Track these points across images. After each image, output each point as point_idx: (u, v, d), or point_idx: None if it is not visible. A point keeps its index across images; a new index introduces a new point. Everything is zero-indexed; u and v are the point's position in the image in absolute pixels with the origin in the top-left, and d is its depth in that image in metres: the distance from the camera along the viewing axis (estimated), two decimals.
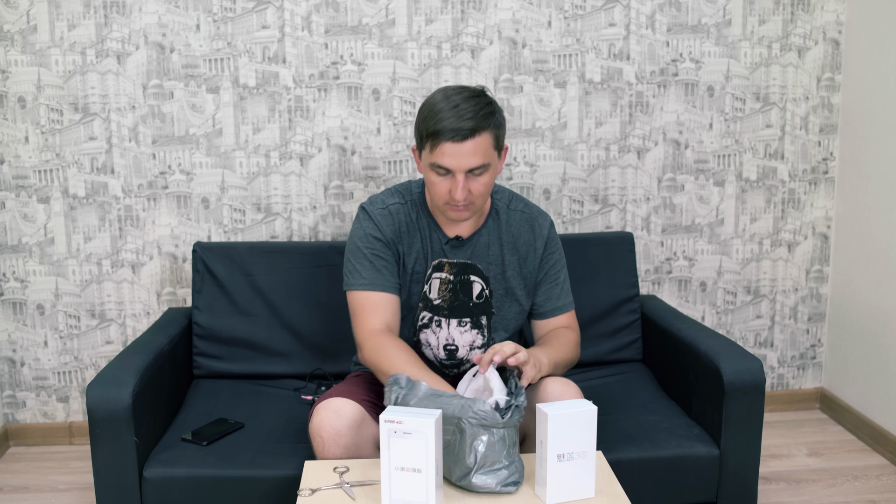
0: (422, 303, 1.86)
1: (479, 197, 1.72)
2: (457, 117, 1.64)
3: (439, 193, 1.72)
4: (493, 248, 1.86)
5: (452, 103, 1.66)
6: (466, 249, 1.85)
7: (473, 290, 1.85)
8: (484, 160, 1.68)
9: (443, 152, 1.66)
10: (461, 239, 1.84)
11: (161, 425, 2.07)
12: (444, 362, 1.89)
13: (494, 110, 1.70)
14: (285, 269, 2.43)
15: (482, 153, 1.67)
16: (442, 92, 1.72)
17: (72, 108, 2.59)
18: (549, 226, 1.92)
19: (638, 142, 2.76)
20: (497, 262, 1.86)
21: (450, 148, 1.65)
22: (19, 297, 2.70)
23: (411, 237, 1.84)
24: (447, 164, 1.67)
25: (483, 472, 1.47)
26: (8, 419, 2.78)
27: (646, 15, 2.69)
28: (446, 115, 1.65)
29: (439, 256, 1.85)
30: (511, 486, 1.48)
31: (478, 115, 1.66)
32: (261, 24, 2.60)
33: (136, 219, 2.67)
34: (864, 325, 2.74)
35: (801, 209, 2.88)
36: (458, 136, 1.64)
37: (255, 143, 2.65)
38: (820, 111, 2.83)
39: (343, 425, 1.66)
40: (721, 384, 1.95)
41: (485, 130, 1.67)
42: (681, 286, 2.88)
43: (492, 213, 1.88)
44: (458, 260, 1.85)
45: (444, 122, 1.65)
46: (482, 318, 1.87)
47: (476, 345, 1.87)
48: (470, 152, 1.66)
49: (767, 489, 2.41)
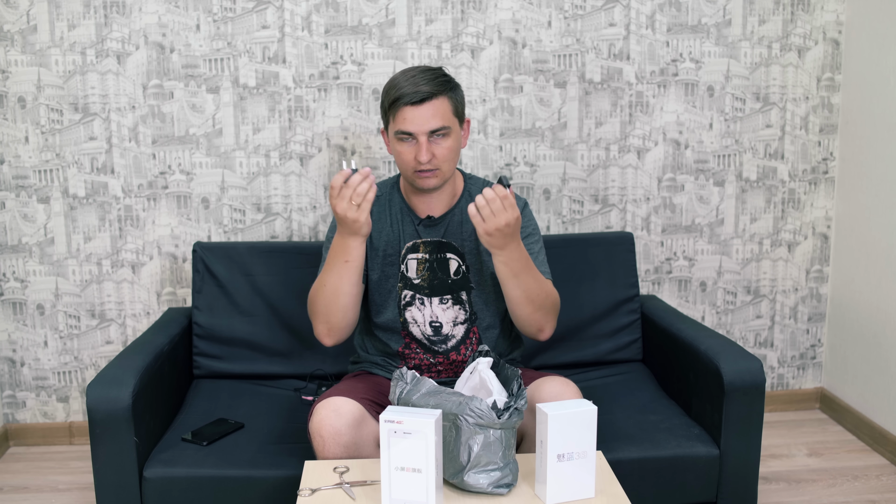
0: (401, 283, 1.91)
1: (444, 161, 1.80)
2: (414, 84, 1.76)
3: (406, 161, 1.80)
4: (466, 226, 1.91)
5: (409, 75, 1.79)
6: (440, 228, 1.91)
7: (450, 267, 1.91)
8: (443, 122, 1.77)
9: (403, 117, 1.76)
10: (433, 218, 1.91)
11: (161, 425, 2.07)
12: (431, 338, 1.92)
13: (450, 80, 1.81)
14: (285, 269, 2.43)
15: (441, 115, 1.77)
16: (401, 71, 1.83)
17: (72, 108, 2.59)
18: (522, 204, 1.96)
19: (638, 142, 2.76)
20: (471, 238, 1.91)
21: (409, 112, 1.75)
22: (19, 297, 2.70)
23: (381, 222, 1.93)
24: (408, 128, 1.76)
25: (476, 471, 1.47)
26: (8, 419, 2.78)
27: (646, 15, 2.69)
28: (404, 84, 1.77)
29: (413, 238, 1.91)
30: (503, 487, 1.48)
31: (433, 81, 1.77)
32: (261, 24, 2.60)
33: (136, 219, 2.67)
34: (864, 325, 2.74)
35: (801, 209, 2.88)
36: (415, 99, 1.75)
37: (255, 143, 2.65)
38: (820, 111, 2.83)
39: (343, 424, 1.66)
40: (721, 384, 1.95)
41: (442, 94, 1.77)
42: (681, 286, 2.88)
43: (464, 194, 1.94)
44: (432, 239, 1.91)
45: (401, 90, 1.76)
46: (462, 293, 1.92)
47: (459, 320, 1.91)
48: (429, 115, 1.75)
49: (767, 489, 2.41)
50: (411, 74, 1.78)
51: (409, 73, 1.79)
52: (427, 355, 1.92)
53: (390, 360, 1.97)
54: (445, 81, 1.79)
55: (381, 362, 1.98)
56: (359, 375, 1.98)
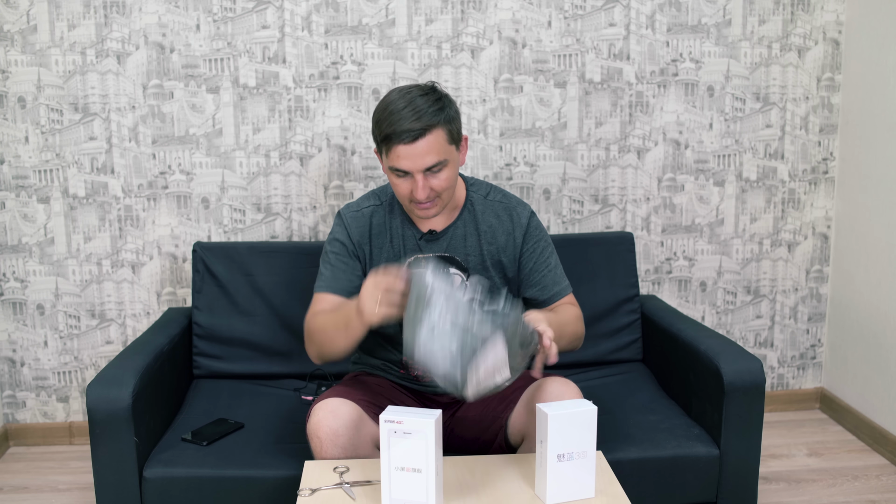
0: None
1: (443, 192, 1.73)
2: (405, 119, 1.64)
3: (402, 194, 1.74)
4: (469, 240, 1.86)
5: (400, 105, 1.66)
6: (442, 243, 1.86)
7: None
8: (439, 157, 1.68)
9: (397, 155, 1.67)
10: (435, 233, 1.85)
11: (161, 425, 2.07)
12: None
13: (444, 105, 1.69)
14: (285, 269, 2.43)
15: (436, 151, 1.67)
16: (390, 93, 1.72)
17: (72, 108, 2.59)
18: (528, 214, 1.90)
19: (638, 142, 2.76)
20: (475, 252, 1.86)
21: (403, 150, 1.66)
22: (19, 297, 2.70)
23: (381, 239, 1.87)
24: (403, 167, 1.67)
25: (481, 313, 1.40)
26: (8, 419, 2.78)
27: (646, 15, 2.69)
28: (395, 119, 1.65)
29: (414, 252, 1.86)
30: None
31: (426, 113, 1.65)
32: (261, 24, 2.60)
33: (136, 219, 2.67)
34: (864, 325, 2.74)
35: (801, 209, 2.88)
36: (408, 138, 1.64)
37: (255, 143, 2.65)
38: (820, 111, 2.83)
39: (340, 425, 1.66)
40: (721, 384, 1.95)
41: (435, 127, 1.66)
42: (681, 286, 2.88)
43: (466, 205, 1.88)
44: (434, 254, 1.86)
45: (393, 126, 1.65)
46: None
47: None
48: (423, 152, 1.66)
49: (767, 489, 2.42)
50: (402, 106, 1.66)
51: (399, 105, 1.67)
52: None
53: (391, 363, 1.97)
54: (438, 110, 1.67)
55: (382, 365, 1.98)
56: (359, 376, 1.98)
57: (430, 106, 1.66)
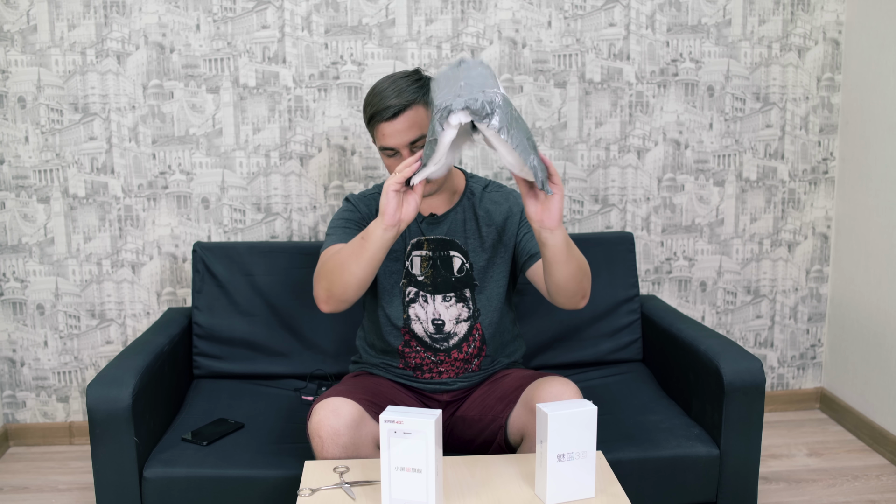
0: (406, 279, 1.91)
1: None
2: (387, 97, 1.74)
3: None
4: (469, 224, 1.92)
5: (383, 86, 1.77)
6: (443, 226, 1.91)
7: (454, 265, 1.91)
8: (421, 131, 1.75)
9: (382, 134, 1.76)
10: (436, 216, 1.91)
11: (161, 425, 2.07)
12: (433, 335, 1.92)
13: (424, 85, 1.78)
14: (285, 269, 2.43)
15: (417, 125, 1.75)
16: (378, 81, 1.82)
17: (72, 108, 2.59)
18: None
19: (638, 142, 2.76)
20: (474, 235, 1.91)
21: (386, 128, 1.75)
22: (19, 297, 2.70)
23: None
24: (388, 143, 1.76)
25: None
26: (8, 419, 2.78)
27: (646, 15, 2.69)
28: (378, 99, 1.75)
29: (416, 235, 1.91)
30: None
31: (406, 90, 1.74)
32: (261, 24, 2.60)
33: (136, 219, 2.67)
34: (864, 325, 2.74)
35: (801, 209, 2.88)
36: (388, 114, 1.73)
37: (255, 143, 2.65)
38: (820, 111, 2.83)
39: (341, 424, 1.66)
40: (721, 384, 1.95)
41: (415, 104, 1.74)
42: (681, 286, 2.88)
43: (466, 193, 1.95)
44: (435, 236, 1.91)
45: (375, 107, 1.75)
46: (465, 290, 1.91)
47: (462, 318, 1.91)
48: (405, 127, 1.74)
49: (767, 489, 2.42)
50: (383, 87, 1.76)
51: (382, 86, 1.77)
52: (428, 353, 1.92)
53: (390, 361, 1.97)
54: (418, 88, 1.76)
55: (381, 364, 1.98)
56: (359, 376, 1.98)
57: (410, 85, 1.76)
